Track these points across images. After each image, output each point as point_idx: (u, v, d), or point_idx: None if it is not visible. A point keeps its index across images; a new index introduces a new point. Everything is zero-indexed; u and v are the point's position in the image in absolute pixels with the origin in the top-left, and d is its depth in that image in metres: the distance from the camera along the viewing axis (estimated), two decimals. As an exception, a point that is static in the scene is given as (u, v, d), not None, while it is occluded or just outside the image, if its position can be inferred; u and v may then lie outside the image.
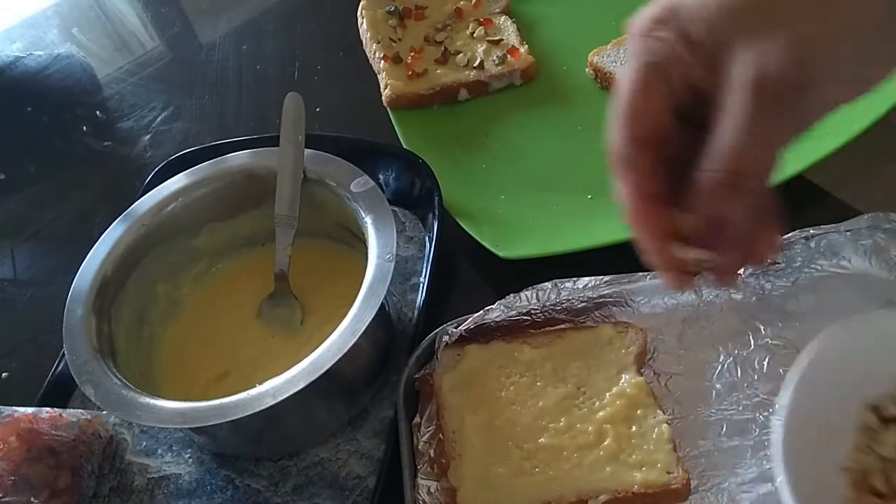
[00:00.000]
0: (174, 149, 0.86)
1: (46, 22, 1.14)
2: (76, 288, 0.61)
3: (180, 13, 1.11)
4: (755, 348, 0.58)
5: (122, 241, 0.64)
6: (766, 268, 0.60)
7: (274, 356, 0.62)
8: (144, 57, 1.05)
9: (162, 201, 0.66)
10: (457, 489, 0.53)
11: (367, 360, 0.61)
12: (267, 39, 1.01)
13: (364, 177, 0.63)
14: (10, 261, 0.84)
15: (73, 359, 0.57)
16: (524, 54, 0.82)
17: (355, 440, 0.60)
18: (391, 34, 0.87)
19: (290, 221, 0.64)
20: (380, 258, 0.57)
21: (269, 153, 0.66)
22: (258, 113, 0.92)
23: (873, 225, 0.60)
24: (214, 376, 0.63)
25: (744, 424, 0.55)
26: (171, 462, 0.62)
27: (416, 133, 0.79)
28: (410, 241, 0.71)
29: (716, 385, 0.57)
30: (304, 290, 0.65)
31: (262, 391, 0.52)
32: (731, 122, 0.37)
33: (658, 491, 0.52)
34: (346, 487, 0.58)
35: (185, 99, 0.96)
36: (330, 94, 0.90)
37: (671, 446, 0.53)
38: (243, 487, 0.60)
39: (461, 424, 0.56)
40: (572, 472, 0.53)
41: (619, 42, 0.82)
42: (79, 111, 0.98)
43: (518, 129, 0.80)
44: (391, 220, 0.60)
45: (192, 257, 0.68)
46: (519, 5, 0.90)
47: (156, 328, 0.65)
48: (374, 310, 0.54)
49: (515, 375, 0.58)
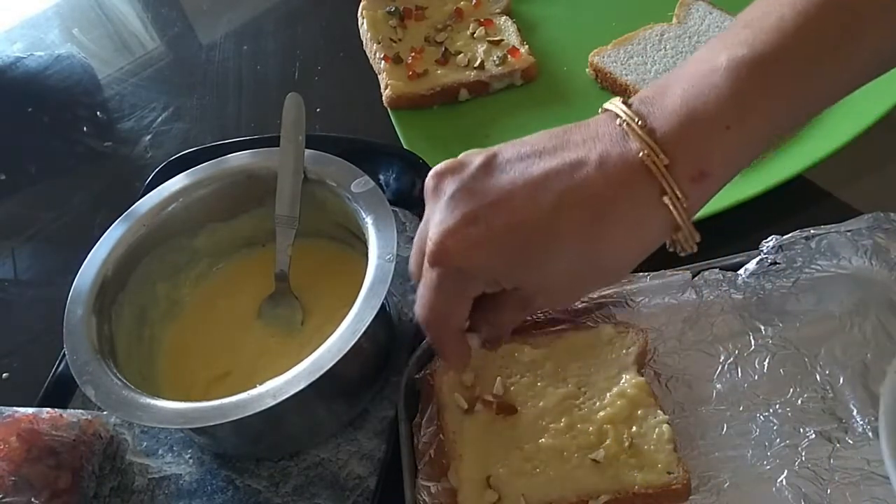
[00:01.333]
0: (175, 149, 0.86)
1: (47, 23, 1.14)
2: (76, 288, 0.61)
3: (181, 14, 1.11)
4: (755, 348, 0.58)
5: (122, 242, 0.64)
6: (767, 269, 0.60)
7: (274, 356, 0.62)
8: (145, 57, 1.05)
9: (162, 202, 0.66)
10: (457, 490, 0.53)
11: (368, 360, 0.61)
12: (267, 40, 1.01)
13: (364, 177, 0.63)
14: (10, 261, 0.84)
15: (73, 359, 0.57)
16: (524, 55, 0.82)
17: (356, 440, 0.60)
18: (391, 34, 0.87)
19: (291, 222, 0.64)
20: (380, 258, 0.58)
21: (269, 153, 0.66)
22: (259, 113, 0.92)
23: (874, 225, 0.60)
24: (215, 377, 0.63)
25: (744, 424, 0.55)
26: (171, 462, 0.62)
27: (417, 133, 0.79)
28: (411, 242, 0.71)
29: (716, 385, 0.57)
30: (305, 290, 0.65)
31: (263, 391, 0.52)
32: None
33: (658, 491, 0.52)
34: (346, 488, 0.58)
35: (185, 99, 0.96)
36: (330, 95, 0.90)
37: (672, 446, 0.53)
38: (244, 488, 0.60)
39: (461, 425, 0.56)
40: (573, 473, 0.53)
41: (620, 42, 0.82)
42: (79, 112, 0.98)
43: (518, 129, 0.78)
44: (392, 221, 0.60)
45: (193, 258, 0.68)
46: (519, 5, 0.90)
47: (156, 328, 0.65)
48: (374, 310, 0.54)
49: (516, 376, 0.58)
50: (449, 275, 0.45)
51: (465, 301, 0.47)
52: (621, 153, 0.41)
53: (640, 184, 0.41)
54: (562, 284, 0.45)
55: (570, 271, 0.43)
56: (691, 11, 0.83)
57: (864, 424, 0.54)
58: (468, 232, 0.43)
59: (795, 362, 0.57)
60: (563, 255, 0.42)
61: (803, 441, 0.53)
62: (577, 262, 0.43)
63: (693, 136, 0.40)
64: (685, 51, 0.79)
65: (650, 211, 0.41)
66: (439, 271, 0.45)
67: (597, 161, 0.42)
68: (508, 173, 0.43)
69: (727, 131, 0.40)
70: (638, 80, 0.78)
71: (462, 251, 0.43)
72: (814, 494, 0.51)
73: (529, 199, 0.42)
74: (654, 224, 0.42)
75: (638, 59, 0.80)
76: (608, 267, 0.44)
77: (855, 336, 0.58)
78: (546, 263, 0.43)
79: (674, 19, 0.84)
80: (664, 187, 0.40)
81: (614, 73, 0.79)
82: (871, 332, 0.57)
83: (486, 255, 0.43)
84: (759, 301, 0.60)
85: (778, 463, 0.53)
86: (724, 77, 0.40)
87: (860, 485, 0.51)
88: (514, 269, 0.44)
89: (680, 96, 0.41)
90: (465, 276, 0.45)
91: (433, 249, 0.44)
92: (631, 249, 0.43)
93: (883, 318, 0.58)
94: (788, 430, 0.54)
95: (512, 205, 0.42)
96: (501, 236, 0.43)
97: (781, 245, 0.60)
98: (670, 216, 0.41)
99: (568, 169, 0.42)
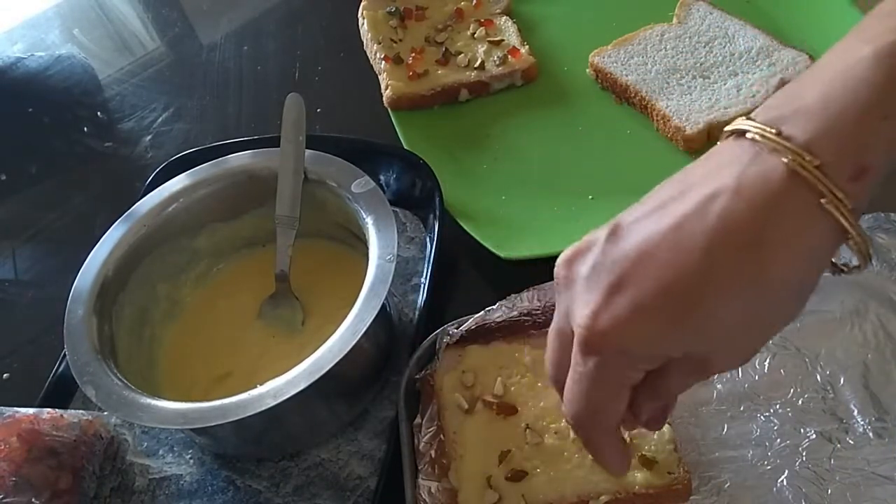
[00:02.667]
0: (175, 149, 0.86)
1: (48, 23, 1.14)
2: (77, 288, 0.61)
3: (181, 14, 1.11)
4: (756, 349, 0.58)
5: (123, 242, 0.64)
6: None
7: (275, 357, 0.62)
8: (145, 58, 1.05)
9: (163, 202, 0.66)
10: (458, 490, 0.53)
11: (368, 360, 0.61)
12: (268, 40, 1.01)
13: (365, 177, 0.63)
14: (10, 261, 0.84)
15: (74, 359, 0.57)
16: (525, 55, 0.82)
17: (356, 441, 0.60)
18: (392, 35, 0.87)
19: (291, 222, 0.64)
20: (381, 259, 0.58)
21: (269, 154, 0.66)
22: (259, 114, 0.92)
23: (874, 225, 0.60)
24: (215, 377, 0.63)
25: (745, 425, 0.55)
26: (172, 463, 0.62)
27: (417, 134, 0.79)
28: (411, 242, 0.71)
29: (717, 385, 0.57)
30: (305, 290, 0.65)
31: (264, 392, 0.52)
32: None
33: (659, 491, 0.52)
34: (346, 488, 0.58)
35: (186, 100, 0.96)
36: (331, 95, 0.90)
37: (672, 447, 0.53)
38: (244, 488, 0.60)
39: (462, 425, 0.56)
40: (573, 473, 0.53)
41: (620, 42, 0.82)
42: (80, 112, 0.98)
43: (519, 129, 0.80)
44: (392, 221, 0.60)
45: (193, 258, 0.68)
46: (520, 6, 0.90)
47: (157, 329, 0.65)
48: (375, 310, 0.54)
49: (517, 376, 0.58)
50: (608, 361, 0.39)
51: (627, 389, 0.41)
52: (760, 170, 0.37)
53: (791, 194, 0.36)
54: (738, 335, 0.39)
55: (743, 317, 0.38)
56: (692, 11, 0.83)
57: (865, 425, 0.54)
58: (618, 305, 0.38)
59: (796, 363, 0.57)
60: (730, 302, 0.37)
61: (804, 441, 0.53)
62: (749, 304, 0.37)
63: (846, 132, 0.36)
64: (685, 51, 0.79)
65: (811, 222, 0.37)
66: (596, 360, 0.39)
67: (734, 187, 0.37)
68: (639, 234, 0.39)
69: (885, 121, 0.36)
70: (638, 81, 0.78)
71: (618, 328, 0.38)
72: (814, 495, 0.51)
73: (672, 251, 0.38)
74: (819, 235, 0.37)
75: (638, 60, 0.80)
76: (784, 299, 0.39)
77: (856, 336, 0.58)
78: (714, 316, 0.38)
79: (674, 19, 0.84)
80: (821, 190, 0.36)
81: (615, 73, 0.79)
82: (872, 332, 0.57)
83: (645, 325, 0.38)
84: (759, 301, 0.60)
85: (778, 463, 0.53)
86: (873, 67, 0.36)
87: (861, 485, 0.51)
88: (679, 333, 0.38)
89: (820, 96, 0.37)
90: (626, 357, 0.39)
91: (585, 335, 0.39)
92: (802, 270, 0.38)
93: (884, 318, 0.58)
94: (789, 430, 0.54)
95: (656, 263, 0.38)
96: (656, 299, 0.38)
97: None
98: (835, 222, 0.36)
99: (702, 208, 0.37)
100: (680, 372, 0.41)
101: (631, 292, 0.38)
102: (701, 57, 0.79)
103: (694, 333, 0.38)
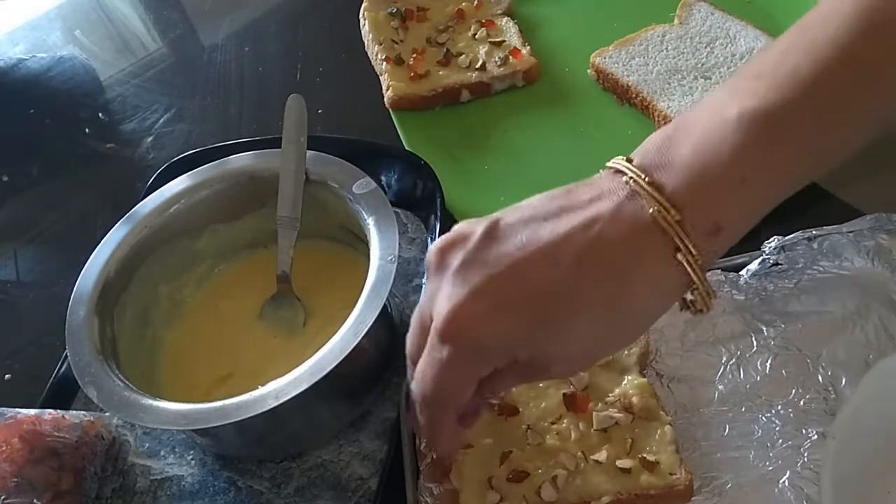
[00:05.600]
0: (177, 151, 0.86)
1: (49, 24, 1.14)
2: (79, 290, 0.61)
3: (182, 15, 1.11)
4: (757, 349, 0.58)
5: (124, 243, 0.64)
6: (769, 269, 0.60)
7: (276, 358, 0.62)
8: (147, 59, 1.05)
9: (164, 203, 0.66)
10: (459, 491, 0.53)
11: (370, 361, 0.61)
12: (269, 41, 1.01)
13: (366, 178, 0.63)
14: (12, 262, 0.84)
15: (75, 360, 0.57)
16: (526, 56, 0.82)
17: (358, 442, 0.60)
18: (393, 36, 0.87)
19: (293, 223, 0.64)
20: (382, 259, 0.58)
21: (271, 155, 0.66)
22: (260, 115, 0.92)
23: (876, 226, 0.60)
24: (217, 378, 0.63)
25: (746, 425, 0.55)
26: (173, 464, 0.62)
27: (418, 134, 0.79)
28: (412, 243, 0.71)
29: (718, 386, 0.57)
30: (307, 291, 0.65)
31: (265, 393, 0.52)
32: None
33: (661, 492, 0.52)
34: (348, 489, 0.58)
35: (187, 101, 0.96)
36: (332, 96, 0.90)
37: (674, 447, 0.53)
38: (246, 489, 0.60)
39: (463, 426, 0.56)
40: (575, 474, 0.53)
41: (622, 43, 0.82)
42: (81, 113, 0.98)
43: (520, 130, 0.80)
44: (393, 222, 0.60)
45: (195, 259, 0.68)
46: (521, 7, 0.90)
47: (158, 330, 0.65)
48: (376, 311, 0.54)
49: (518, 377, 0.58)
50: (461, 352, 0.42)
51: (474, 380, 0.44)
52: (633, 210, 0.40)
53: (654, 240, 0.40)
54: (582, 349, 0.43)
55: (592, 335, 0.41)
56: (693, 12, 0.83)
57: (867, 425, 0.53)
58: (481, 304, 0.41)
59: (797, 363, 0.57)
60: (586, 318, 0.41)
61: (805, 442, 0.53)
62: (600, 324, 0.41)
63: (707, 190, 0.39)
64: (687, 51, 0.79)
65: (666, 268, 0.40)
66: (450, 349, 0.42)
67: (609, 218, 0.40)
68: (515, 239, 0.41)
69: (742, 184, 0.39)
70: (639, 81, 0.78)
71: (477, 325, 0.41)
72: (816, 495, 0.51)
73: (544, 263, 0.40)
74: (671, 281, 0.41)
75: (640, 60, 0.80)
76: (628, 328, 0.43)
77: (857, 337, 0.57)
78: (568, 330, 0.41)
79: (675, 20, 0.83)
80: (677, 244, 0.39)
81: (616, 73, 0.79)
82: (874, 333, 0.57)
83: (503, 327, 0.41)
84: (761, 302, 0.60)
85: (780, 464, 0.53)
86: (736, 130, 0.39)
87: (862, 486, 0.51)
88: (533, 339, 0.41)
89: (690, 150, 0.40)
90: (479, 352, 0.42)
91: (444, 326, 0.41)
92: (651, 307, 0.42)
93: (885, 318, 0.58)
94: (791, 430, 0.54)
95: (525, 271, 0.40)
96: (518, 305, 0.40)
97: (783, 246, 0.60)
98: (685, 273, 0.40)
99: (581, 229, 0.40)
100: (515, 373, 0.44)
101: (496, 296, 0.40)
102: (702, 58, 0.79)
103: (544, 342, 0.41)
